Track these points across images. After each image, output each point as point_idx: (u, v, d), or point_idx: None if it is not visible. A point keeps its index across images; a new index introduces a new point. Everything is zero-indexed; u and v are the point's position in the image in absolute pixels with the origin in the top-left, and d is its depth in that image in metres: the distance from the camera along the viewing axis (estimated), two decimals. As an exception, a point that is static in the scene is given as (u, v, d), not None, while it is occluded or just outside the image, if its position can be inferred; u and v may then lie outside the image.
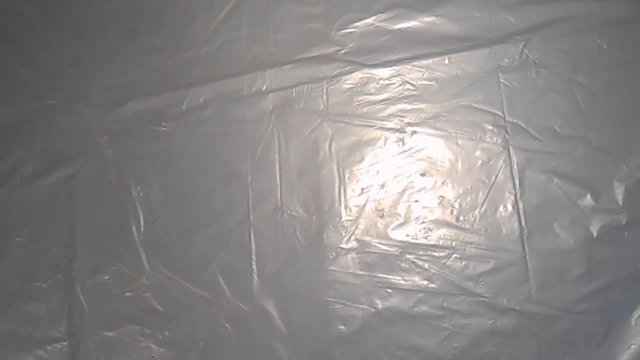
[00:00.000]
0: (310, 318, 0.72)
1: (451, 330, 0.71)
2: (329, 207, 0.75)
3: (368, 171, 0.76)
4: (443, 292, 0.72)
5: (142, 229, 0.75)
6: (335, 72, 0.79)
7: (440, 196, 0.75)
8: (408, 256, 0.73)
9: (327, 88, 0.79)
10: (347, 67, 0.79)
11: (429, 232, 0.74)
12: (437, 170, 0.76)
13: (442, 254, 0.73)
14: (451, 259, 0.73)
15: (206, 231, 0.75)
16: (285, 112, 0.78)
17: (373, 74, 0.79)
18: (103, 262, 0.74)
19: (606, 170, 0.75)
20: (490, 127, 0.77)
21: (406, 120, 0.78)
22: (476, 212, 0.74)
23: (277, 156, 0.77)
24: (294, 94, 0.79)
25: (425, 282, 0.72)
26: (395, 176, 0.76)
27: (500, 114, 0.77)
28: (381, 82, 0.79)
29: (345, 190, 0.76)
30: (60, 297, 0.73)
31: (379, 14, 0.81)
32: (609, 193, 0.74)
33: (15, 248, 0.75)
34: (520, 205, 0.74)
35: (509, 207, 0.74)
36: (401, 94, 0.79)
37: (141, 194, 0.76)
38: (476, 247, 0.73)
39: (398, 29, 0.80)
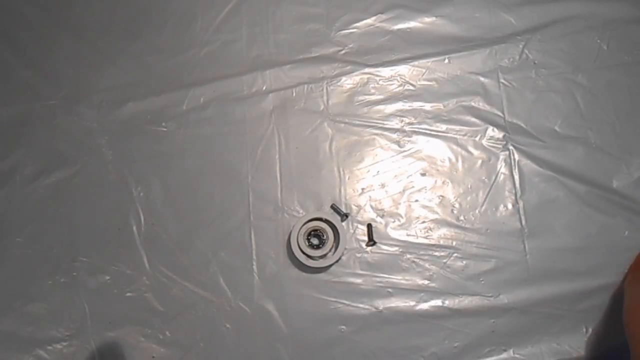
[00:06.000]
0: (310, 318, 0.72)
1: (452, 329, 0.71)
2: (329, 207, 0.75)
3: (368, 171, 0.76)
4: (444, 291, 0.72)
5: (142, 229, 0.75)
6: (335, 72, 0.79)
7: (441, 196, 0.75)
8: (408, 256, 0.73)
9: (327, 88, 0.79)
10: (347, 67, 0.79)
11: (429, 231, 0.74)
12: (437, 170, 0.76)
13: (442, 254, 0.73)
14: (452, 258, 0.73)
15: (207, 231, 0.75)
16: (286, 112, 0.78)
17: (373, 74, 0.79)
18: (103, 262, 0.74)
19: (606, 170, 0.75)
20: (490, 127, 0.77)
21: (406, 120, 0.78)
22: (476, 211, 0.74)
23: (277, 156, 0.77)
24: (294, 94, 0.79)
25: (426, 282, 0.73)
26: (396, 176, 0.76)
27: (500, 114, 0.77)
28: (381, 82, 0.79)
29: (345, 190, 0.76)
30: (60, 297, 0.73)
31: (379, 15, 0.81)
32: (609, 193, 0.74)
33: (15, 248, 0.74)
34: (521, 204, 0.74)
35: (509, 207, 0.74)
36: (401, 94, 0.79)
37: (141, 194, 0.76)
38: (477, 247, 0.73)
39: (398, 30, 0.80)
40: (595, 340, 0.70)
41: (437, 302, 0.72)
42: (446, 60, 0.79)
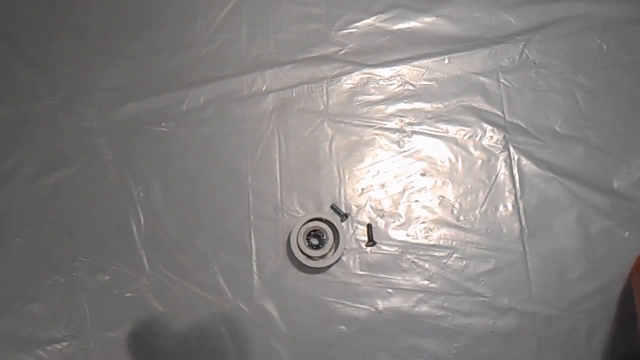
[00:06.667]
0: (310, 318, 0.72)
1: (452, 330, 0.71)
2: (329, 208, 0.75)
3: (368, 171, 0.76)
4: (443, 292, 0.72)
5: (142, 229, 0.75)
6: (335, 72, 0.79)
7: (441, 196, 0.75)
8: (408, 256, 0.73)
9: (327, 88, 0.79)
10: (347, 67, 0.79)
11: (429, 232, 0.74)
12: (437, 170, 0.76)
13: (442, 254, 0.73)
14: (452, 258, 0.73)
15: (207, 231, 0.75)
16: (286, 112, 0.78)
17: (373, 74, 0.79)
18: (103, 262, 0.74)
19: (606, 170, 0.75)
20: (490, 127, 0.77)
21: (406, 120, 0.78)
22: (476, 211, 0.74)
23: (277, 156, 0.77)
24: (294, 94, 0.79)
25: (426, 282, 0.73)
26: (396, 176, 0.76)
27: (500, 114, 0.77)
28: (381, 82, 0.79)
29: (345, 190, 0.76)
30: (60, 297, 0.73)
31: (379, 15, 0.81)
32: (609, 193, 0.74)
33: (15, 248, 0.75)
34: (521, 204, 0.74)
35: (509, 207, 0.74)
36: (401, 94, 0.79)
37: (141, 194, 0.76)
38: (476, 247, 0.73)
39: (398, 30, 0.80)
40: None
41: (437, 303, 0.72)
42: (446, 60, 0.79)
